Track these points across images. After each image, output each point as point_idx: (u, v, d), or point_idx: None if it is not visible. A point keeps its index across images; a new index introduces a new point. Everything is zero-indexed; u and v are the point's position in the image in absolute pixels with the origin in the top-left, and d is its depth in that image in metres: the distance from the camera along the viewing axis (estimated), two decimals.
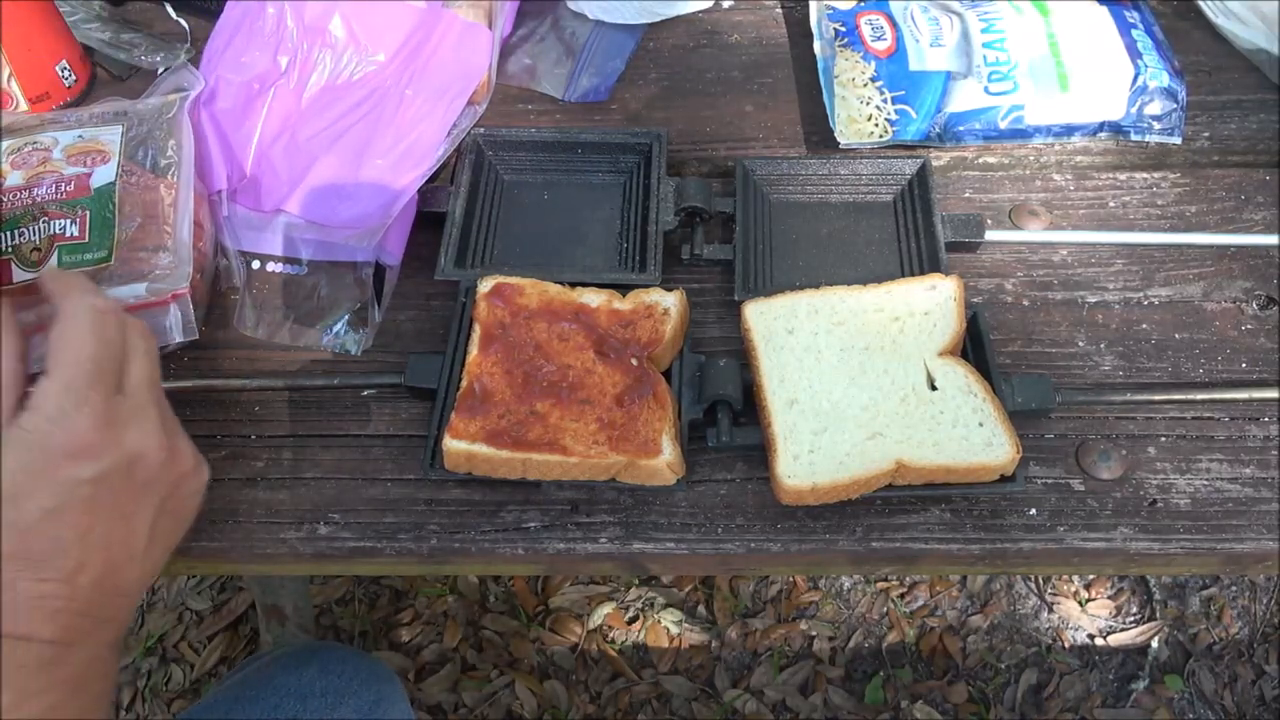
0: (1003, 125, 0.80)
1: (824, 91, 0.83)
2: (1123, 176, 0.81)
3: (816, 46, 0.86)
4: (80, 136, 0.70)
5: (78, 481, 0.51)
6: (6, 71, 0.80)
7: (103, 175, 0.68)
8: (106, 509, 0.52)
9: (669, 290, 0.69)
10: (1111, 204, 0.79)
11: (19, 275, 0.63)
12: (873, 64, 0.82)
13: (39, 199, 0.66)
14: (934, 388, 0.64)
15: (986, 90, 0.80)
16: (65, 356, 0.52)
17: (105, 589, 0.53)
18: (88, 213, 0.66)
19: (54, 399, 0.51)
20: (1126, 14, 0.84)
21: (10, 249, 0.64)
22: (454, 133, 0.78)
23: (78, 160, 0.68)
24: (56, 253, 0.64)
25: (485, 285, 0.69)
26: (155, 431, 0.54)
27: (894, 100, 0.80)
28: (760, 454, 0.63)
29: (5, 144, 0.69)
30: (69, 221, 0.65)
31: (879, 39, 0.84)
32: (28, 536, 0.50)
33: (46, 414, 0.51)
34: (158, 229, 0.66)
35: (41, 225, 0.65)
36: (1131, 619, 1.58)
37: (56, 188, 0.67)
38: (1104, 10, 0.84)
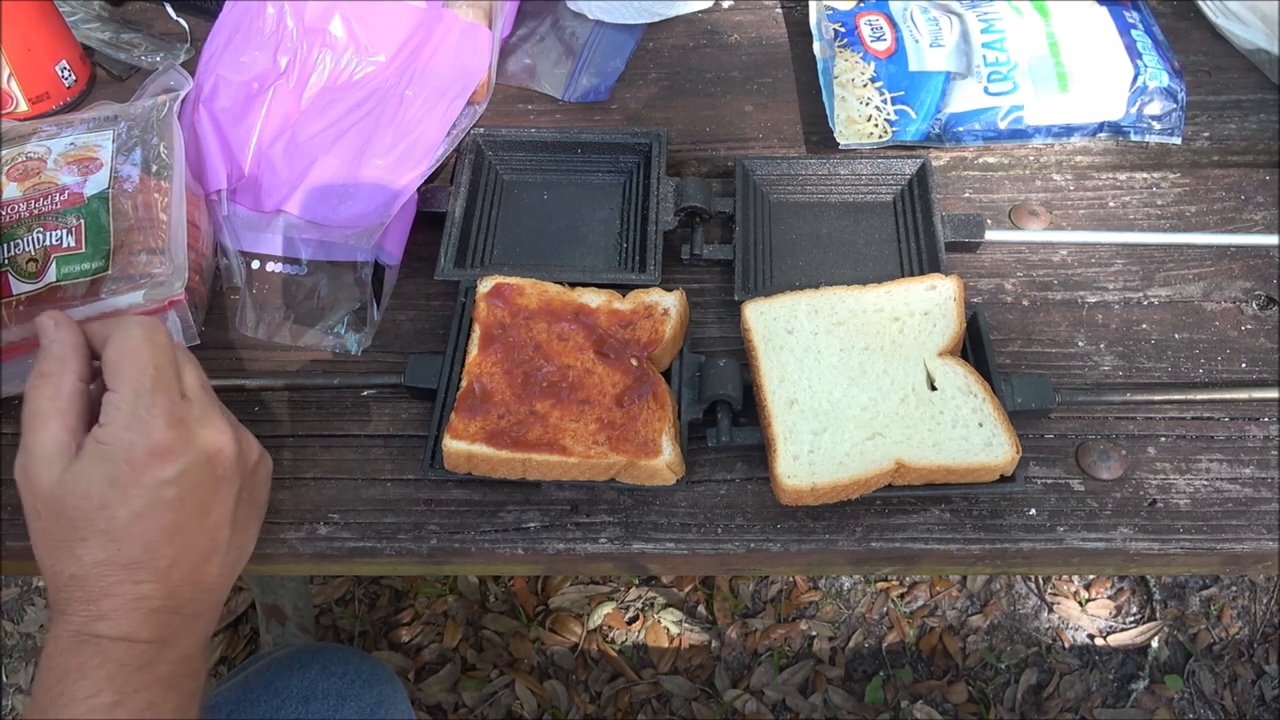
0: (1002, 125, 0.80)
1: (824, 92, 0.83)
2: (1123, 176, 0.81)
3: (816, 47, 0.86)
4: (72, 144, 0.70)
5: (162, 482, 0.53)
6: (6, 71, 0.80)
7: (96, 183, 0.67)
8: (190, 506, 0.54)
9: (669, 290, 0.69)
10: (1111, 204, 0.79)
11: (17, 287, 0.63)
12: (872, 64, 0.82)
13: (34, 210, 0.66)
14: (934, 388, 0.64)
15: (986, 90, 0.80)
16: (127, 368, 0.54)
17: (194, 585, 0.55)
18: (83, 222, 0.65)
19: (126, 408, 0.53)
20: (1126, 14, 0.84)
21: (7, 261, 0.64)
22: (454, 133, 0.78)
23: (71, 169, 0.68)
24: (54, 264, 0.64)
25: (485, 285, 0.69)
26: (224, 427, 0.57)
27: (893, 101, 0.81)
28: (760, 454, 0.63)
29: (6, 153, 0.69)
30: (65, 232, 0.65)
31: (878, 39, 0.84)
32: (121, 542, 0.52)
33: (122, 423, 0.53)
34: (153, 234, 0.66)
35: (37, 236, 0.65)
36: (1131, 619, 1.58)
37: (51, 198, 0.66)
38: (1104, 10, 0.84)
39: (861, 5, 0.87)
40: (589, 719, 1.48)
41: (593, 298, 0.69)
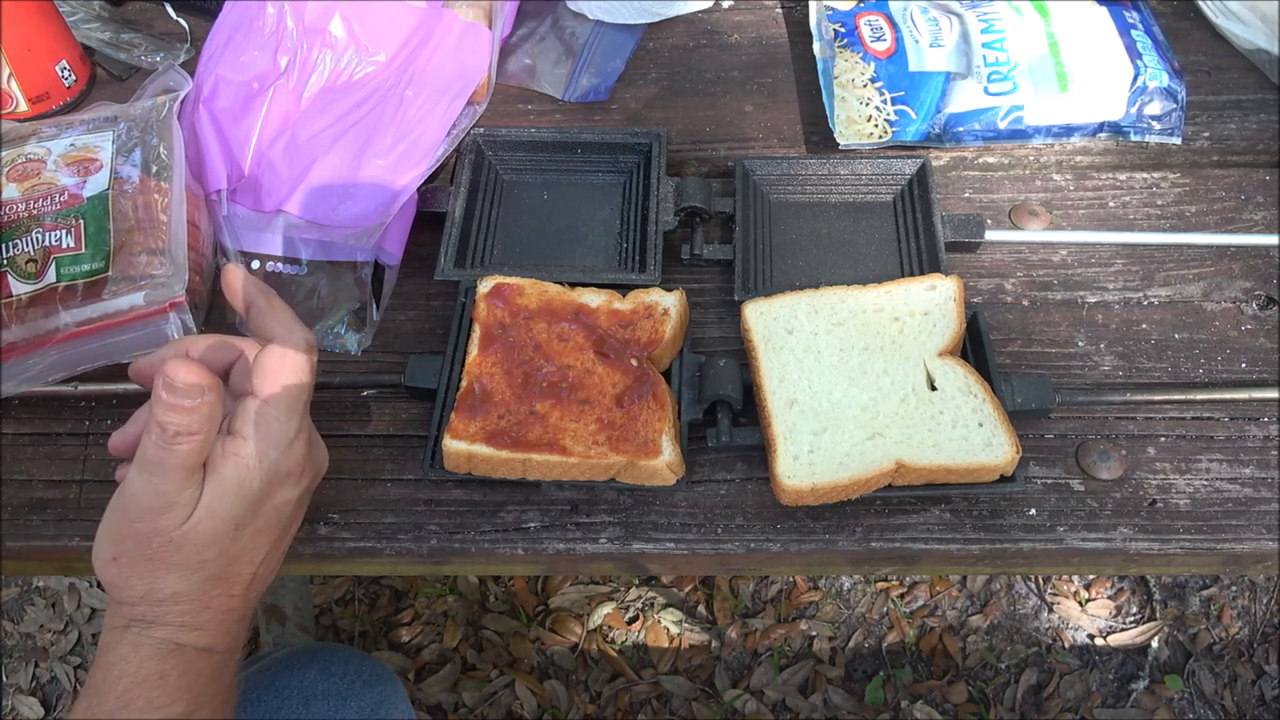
0: (1002, 126, 0.80)
1: (824, 92, 0.83)
2: (1123, 176, 0.81)
3: (816, 47, 0.86)
4: (72, 145, 0.69)
5: (285, 502, 0.54)
6: (6, 71, 0.80)
7: (96, 184, 0.67)
8: (287, 523, 0.55)
9: (669, 290, 0.69)
10: (1111, 204, 0.79)
11: (17, 287, 0.63)
12: (872, 65, 0.82)
13: (33, 210, 0.66)
14: (934, 388, 0.64)
15: (986, 91, 0.80)
16: (288, 384, 0.52)
17: (260, 595, 0.56)
18: (82, 222, 0.65)
19: (279, 428, 0.52)
20: (1126, 14, 0.84)
21: (6, 261, 0.64)
22: (454, 133, 0.78)
23: (71, 169, 0.68)
24: (53, 264, 0.64)
25: (485, 285, 0.69)
26: (325, 450, 0.58)
27: (893, 101, 0.80)
28: (760, 454, 0.63)
29: (6, 154, 0.69)
30: (64, 232, 0.65)
31: (878, 40, 0.84)
32: (234, 560, 0.52)
33: (274, 442, 0.52)
34: (153, 234, 0.66)
35: (36, 237, 0.65)
36: (1131, 619, 1.58)
37: (51, 198, 0.66)
38: (1103, 10, 0.84)
39: (861, 5, 0.87)
40: (589, 719, 1.48)
41: (593, 298, 0.69)
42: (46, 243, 0.64)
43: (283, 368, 0.52)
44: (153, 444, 0.50)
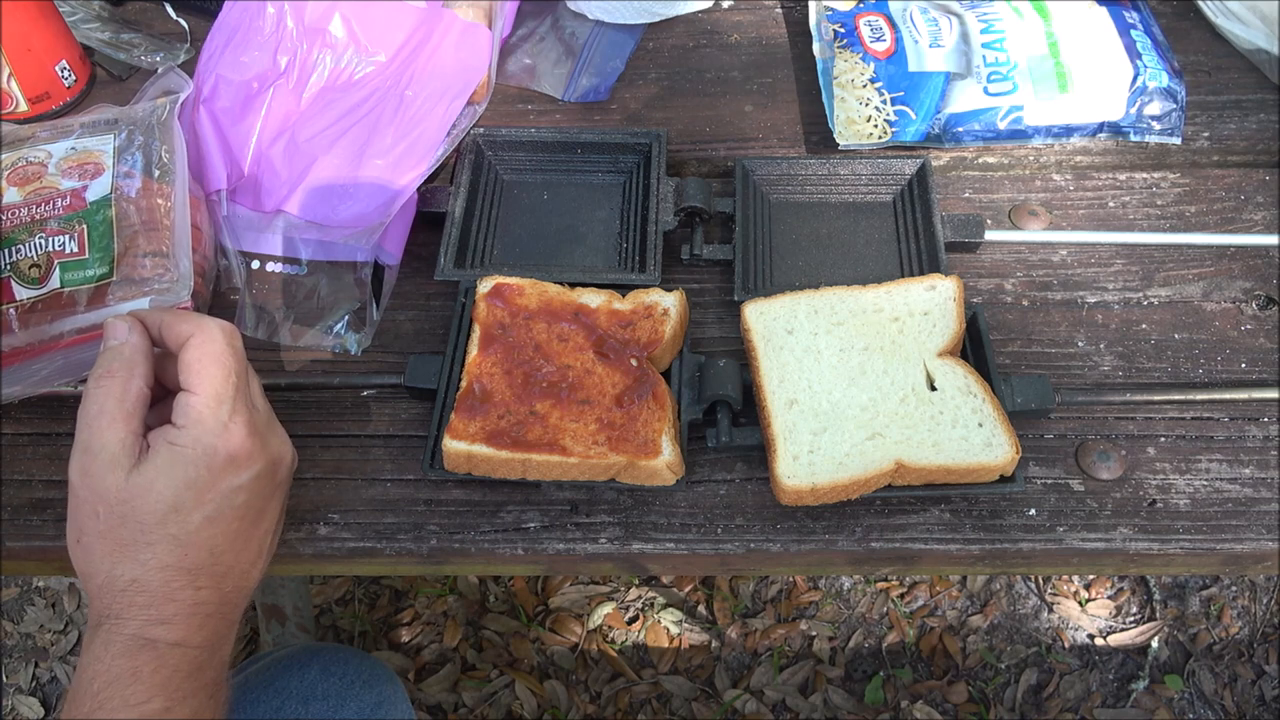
0: (1002, 126, 0.80)
1: (823, 93, 0.83)
2: (1122, 176, 0.81)
3: (816, 48, 0.86)
4: (73, 148, 0.69)
5: (235, 489, 0.54)
6: (6, 71, 0.80)
7: (98, 188, 0.67)
8: (251, 513, 0.55)
9: (669, 290, 0.69)
10: (1111, 204, 0.79)
11: (20, 293, 0.63)
12: (872, 65, 0.82)
13: (35, 215, 0.66)
14: (933, 388, 0.64)
15: (986, 91, 0.80)
16: (211, 372, 0.54)
17: (240, 590, 0.56)
18: (85, 227, 0.65)
19: (209, 413, 0.53)
20: (1126, 14, 0.84)
21: (9, 266, 0.64)
22: (454, 133, 0.78)
23: (72, 173, 0.68)
24: (57, 270, 0.64)
25: (485, 286, 0.69)
26: (286, 436, 0.59)
27: (893, 101, 0.80)
28: (760, 454, 0.63)
29: (5, 157, 0.69)
30: (67, 237, 0.65)
31: (878, 40, 0.84)
32: (188, 547, 0.53)
33: (207, 427, 0.53)
34: (157, 238, 0.66)
35: (39, 242, 0.64)
36: (1131, 619, 1.58)
37: (53, 203, 0.66)
38: (1103, 11, 0.84)
39: (861, 6, 0.87)
40: (589, 719, 1.48)
41: (592, 298, 0.69)
42: (50, 248, 0.64)
43: (203, 358, 0.54)
44: (86, 389, 0.54)
